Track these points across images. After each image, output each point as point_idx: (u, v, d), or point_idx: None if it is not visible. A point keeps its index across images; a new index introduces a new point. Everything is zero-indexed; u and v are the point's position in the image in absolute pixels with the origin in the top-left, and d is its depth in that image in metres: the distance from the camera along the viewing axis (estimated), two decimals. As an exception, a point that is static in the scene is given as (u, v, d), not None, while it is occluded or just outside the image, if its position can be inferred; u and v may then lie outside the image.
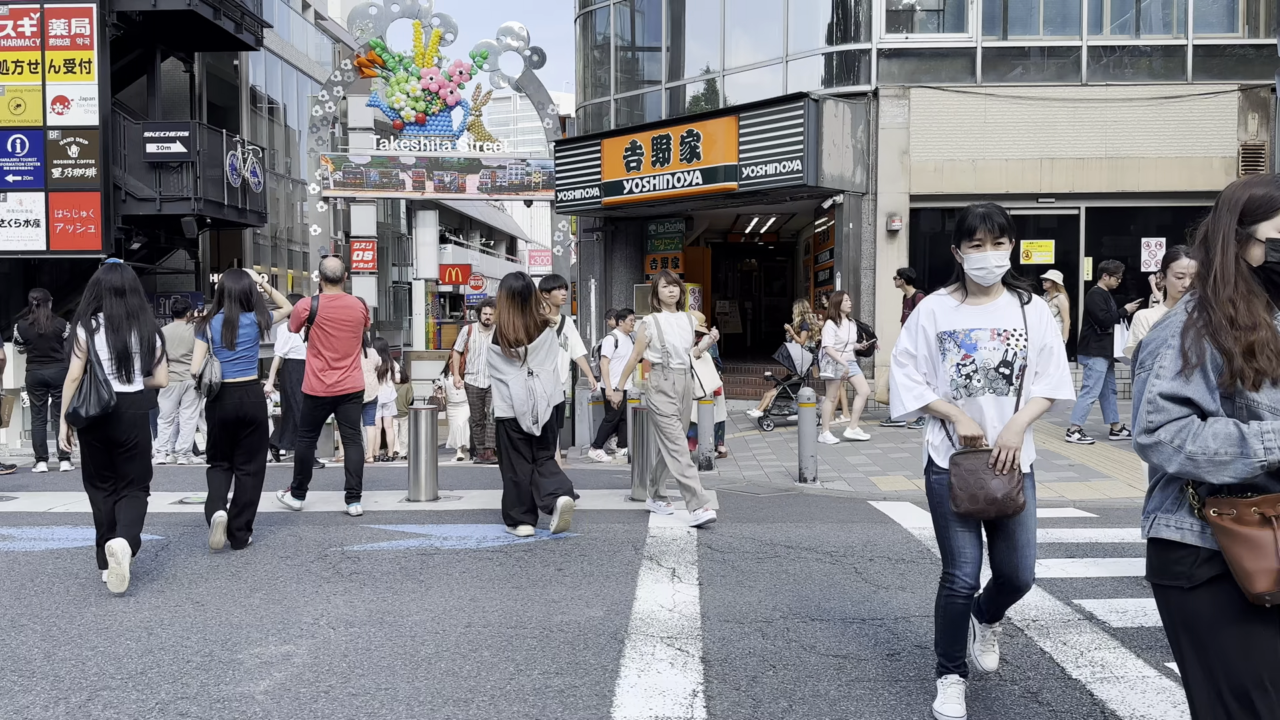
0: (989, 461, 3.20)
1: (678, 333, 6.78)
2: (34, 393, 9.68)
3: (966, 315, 3.31)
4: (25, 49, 16.97)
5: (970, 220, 3.26)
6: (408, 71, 19.66)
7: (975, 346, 3.26)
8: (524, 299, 6.26)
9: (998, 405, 3.26)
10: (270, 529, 6.52)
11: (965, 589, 3.32)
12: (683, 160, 13.44)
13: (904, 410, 3.37)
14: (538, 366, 6.31)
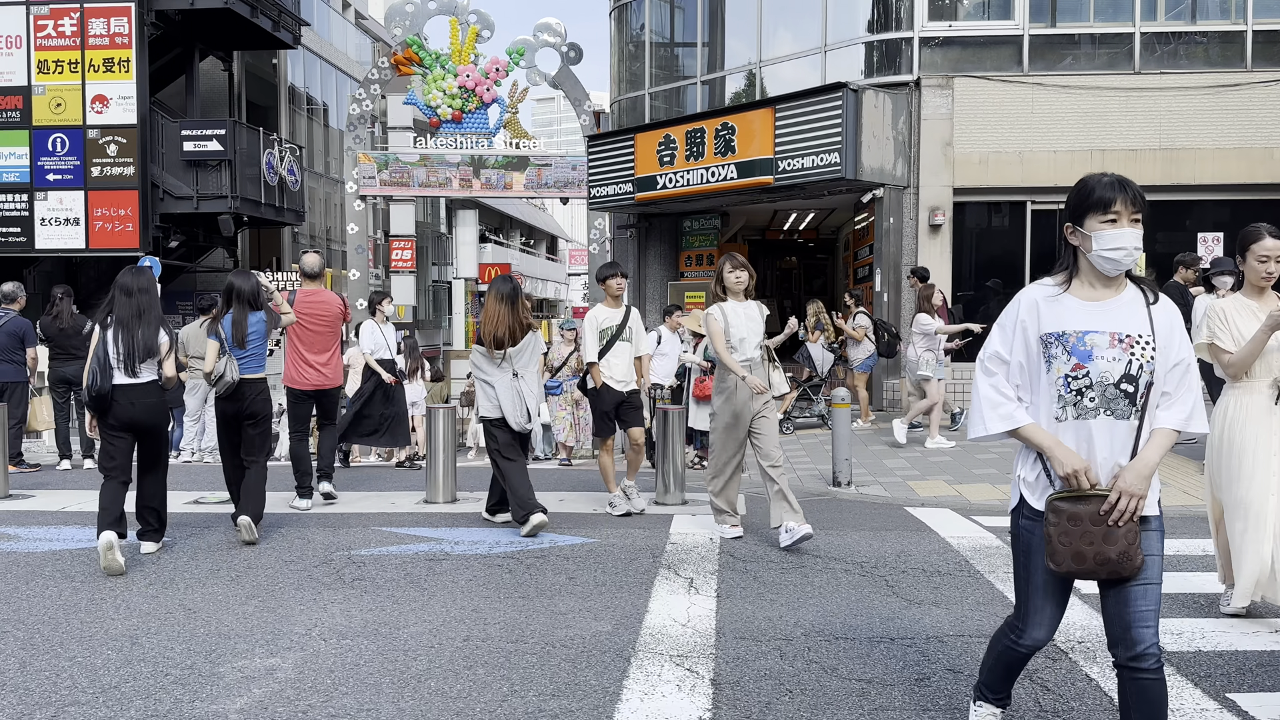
0: (1102, 510, 2.51)
1: (746, 323, 6.01)
2: (56, 390, 9.62)
3: (1080, 313, 2.62)
4: (65, 49, 17.11)
5: (1101, 190, 2.59)
6: (444, 69, 19.53)
7: (1090, 355, 2.58)
8: (511, 302, 6.38)
9: (1112, 432, 2.58)
10: (280, 530, 6.32)
11: (1031, 648, 2.78)
12: (717, 154, 13.10)
13: (985, 431, 2.70)
14: (522, 368, 6.42)
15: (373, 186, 18.83)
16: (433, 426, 7.50)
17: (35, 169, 17.16)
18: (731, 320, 5.98)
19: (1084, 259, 2.65)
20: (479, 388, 6.46)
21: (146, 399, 5.52)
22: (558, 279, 61.49)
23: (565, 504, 7.36)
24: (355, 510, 7.12)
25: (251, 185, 19.04)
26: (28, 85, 17.07)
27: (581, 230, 72.57)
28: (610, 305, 6.98)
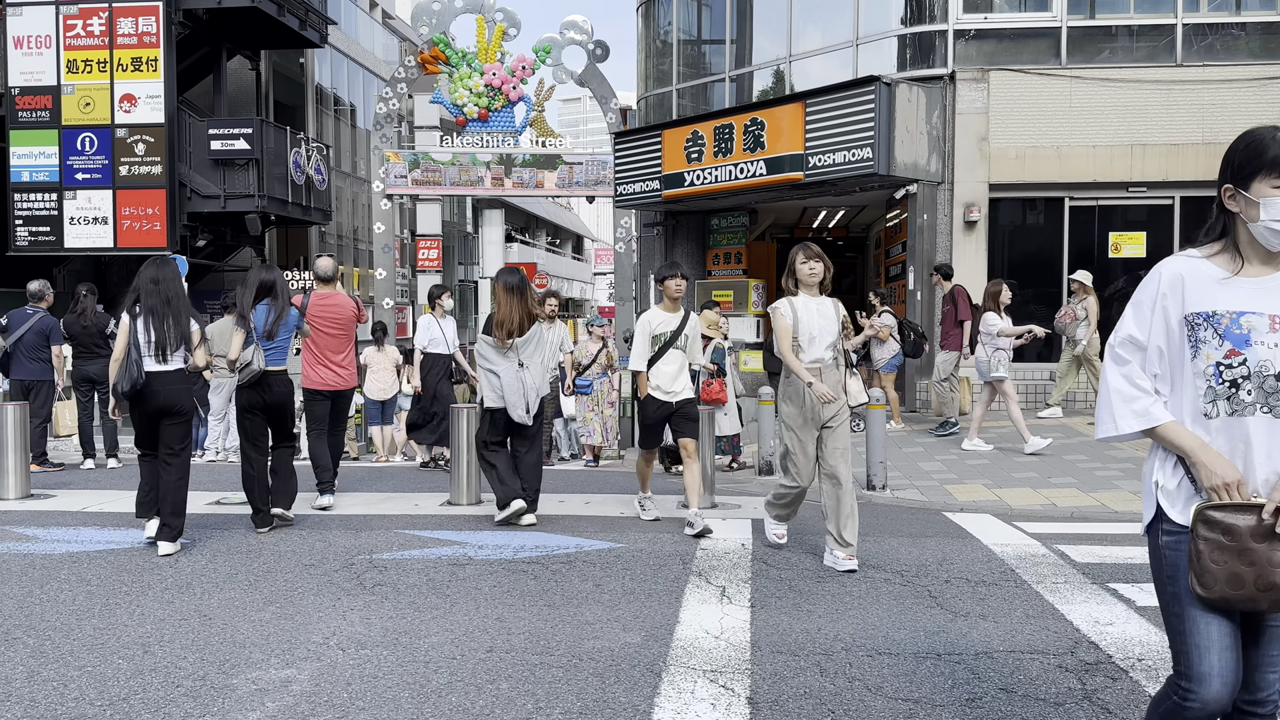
0: (1264, 523, 2.08)
1: (819, 320, 5.32)
2: (79, 389, 9.56)
3: (1236, 291, 2.19)
4: (94, 48, 17.15)
5: (1276, 148, 2.14)
6: (470, 67, 19.42)
7: (1248, 339, 2.16)
8: (520, 292, 6.42)
9: (1272, 433, 2.15)
10: (302, 532, 6.18)
11: (1205, 710, 2.18)
12: (746, 150, 12.88)
13: (1116, 431, 2.27)
14: (528, 359, 6.43)
15: (404, 185, 18.70)
16: (456, 426, 7.34)
17: (64, 168, 17.21)
18: (802, 316, 5.31)
19: (1243, 229, 2.22)
20: (483, 377, 6.50)
21: (175, 385, 5.76)
22: (583, 278, 61.42)
23: (592, 507, 7.18)
24: (378, 512, 6.97)
25: (279, 184, 19.03)
26: (57, 85, 17.13)
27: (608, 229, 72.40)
28: (667, 308, 6.41)
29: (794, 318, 5.32)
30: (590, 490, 8.07)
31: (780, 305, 5.40)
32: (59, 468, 9.41)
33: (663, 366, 6.34)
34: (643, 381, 6.34)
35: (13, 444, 7.43)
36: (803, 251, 5.39)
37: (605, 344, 9.84)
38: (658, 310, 6.45)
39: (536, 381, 6.43)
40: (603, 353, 9.86)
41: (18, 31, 17.05)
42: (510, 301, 6.36)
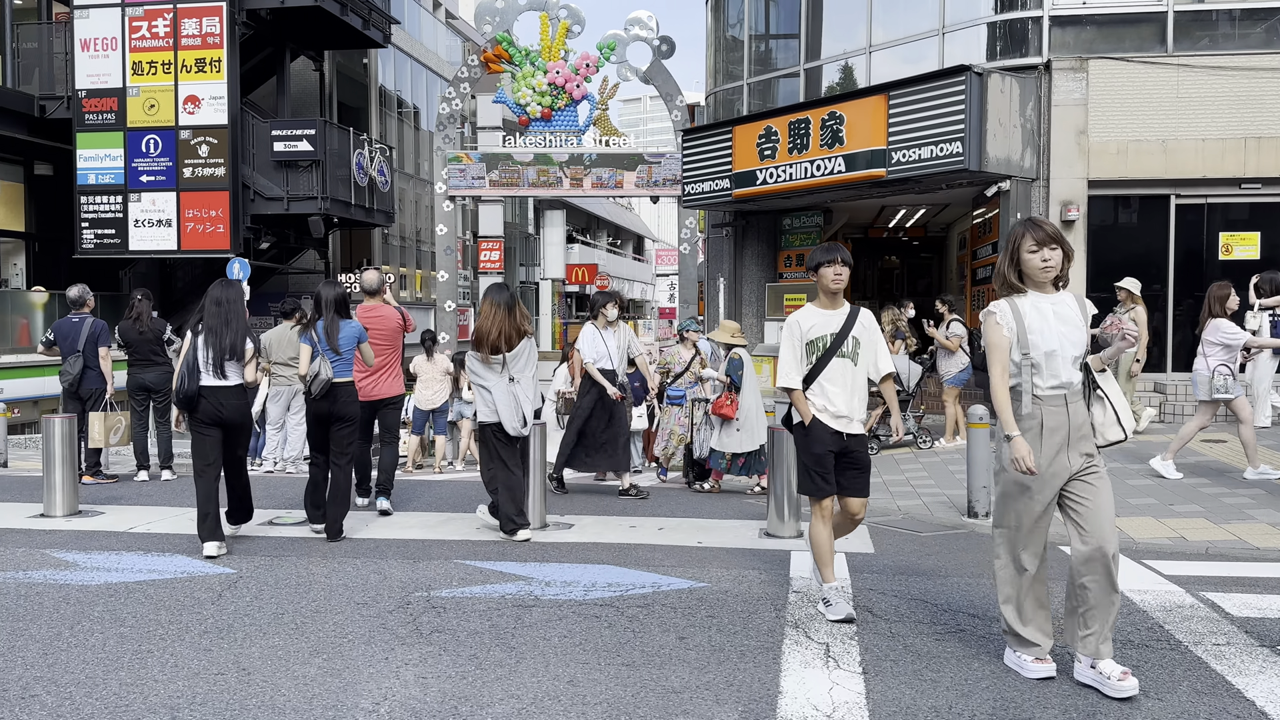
0: None
1: (1058, 329, 3.81)
2: (134, 398, 9.27)
3: None
4: (159, 49, 17.09)
5: None
6: (534, 66, 19.02)
7: None
8: (509, 308, 6.43)
9: None
10: (357, 560, 5.71)
11: None
12: (823, 146, 12.19)
13: None
14: (518, 374, 6.41)
15: (480, 187, 18.23)
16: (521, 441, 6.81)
17: (129, 170, 17.19)
18: (1032, 324, 3.81)
19: None
20: (476, 393, 6.54)
21: (232, 400, 6.14)
22: (644, 279, 60.96)
23: (666, 534, 6.60)
24: (437, 536, 6.48)
25: (342, 186, 18.83)
26: (122, 87, 17.11)
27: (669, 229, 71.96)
28: (824, 305, 4.79)
29: (1019, 328, 3.82)
30: (663, 512, 7.49)
31: (997, 310, 3.90)
32: (113, 479, 9.13)
33: (827, 383, 4.72)
34: (800, 402, 4.75)
35: (60, 458, 7.10)
36: (1031, 234, 3.83)
37: (698, 350, 9.09)
38: (812, 308, 4.83)
39: (530, 394, 6.46)
40: (696, 360, 9.08)
41: (85, 34, 17.07)
42: (497, 316, 6.39)
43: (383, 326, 7.32)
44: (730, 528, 6.82)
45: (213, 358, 6.03)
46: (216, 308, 6.14)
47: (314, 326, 6.48)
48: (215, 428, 6.06)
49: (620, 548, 6.10)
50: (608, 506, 7.80)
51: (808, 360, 4.76)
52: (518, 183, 17.90)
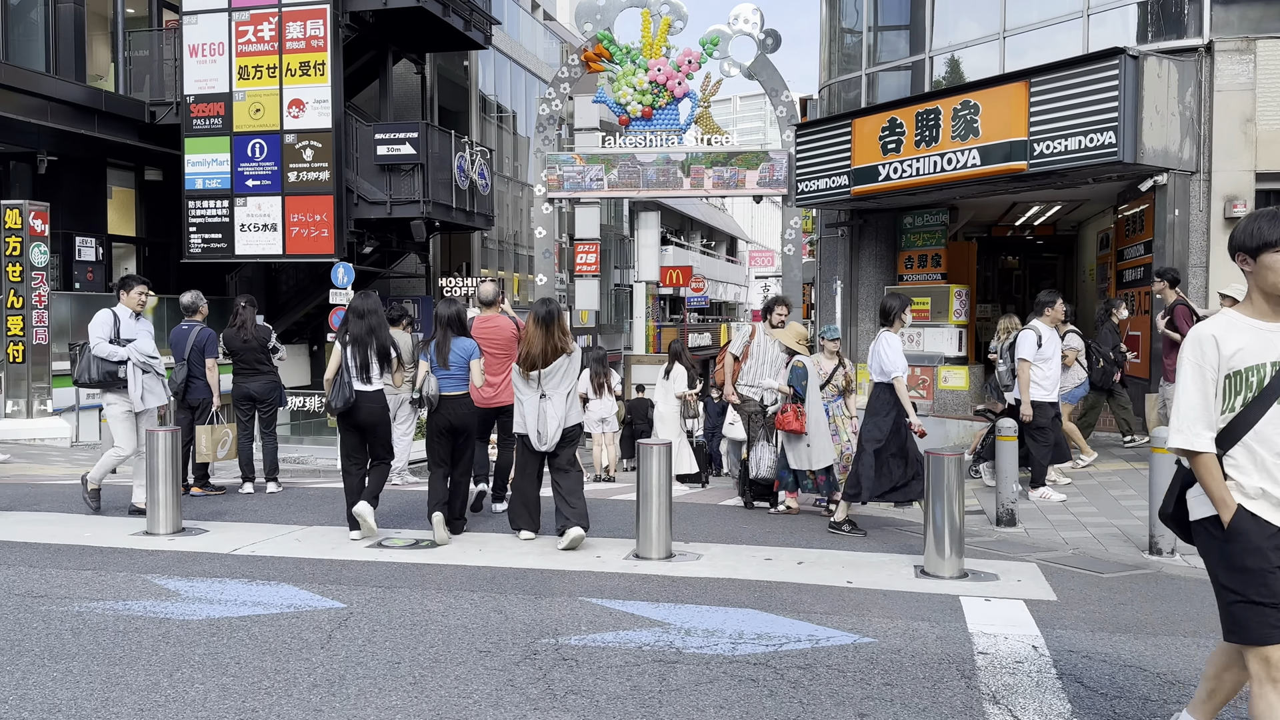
0: None
1: None
2: (239, 407, 9.00)
3: None
4: (264, 53, 17.12)
5: None
6: (635, 64, 18.53)
7: None
8: (546, 325, 6.53)
9: None
10: (474, 593, 5.20)
11: None
12: (955, 138, 11.33)
13: None
14: (551, 390, 6.52)
15: (599, 187, 17.77)
16: (644, 460, 6.23)
17: (235, 175, 17.27)
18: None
19: None
20: (515, 404, 6.77)
21: (375, 403, 6.79)
22: (737, 281, 60.11)
23: (807, 569, 5.92)
24: (556, 565, 5.93)
25: (443, 189, 18.63)
26: (229, 92, 17.20)
27: (762, 231, 71.03)
28: (1262, 313, 2.93)
29: None
30: (797, 541, 6.82)
31: None
32: (220, 491, 8.87)
33: (1262, 446, 2.88)
34: (1212, 479, 2.90)
35: (164, 473, 6.80)
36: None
37: (841, 360, 8.24)
38: (1237, 319, 2.95)
39: (559, 412, 6.54)
40: (839, 372, 8.18)
41: (193, 40, 17.22)
42: (535, 333, 6.52)
43: (498, 336, 7.50)
44: (879, 564, 6.11)
45: (358, 365, 6.70)
46: (359, 319, 6.78)
47: (429, 345, 6.98)
48: (359, 429, 6.77)
49: (760, 587, 5.45)
50: (732, 532, 7.16)
51: (1227, 405, 2.91)
52: (637, 183, 17.35)
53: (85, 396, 15.10)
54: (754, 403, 8.24)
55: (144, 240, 19.40)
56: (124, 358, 7.35)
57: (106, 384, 7.41)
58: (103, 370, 7.35)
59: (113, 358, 7.34)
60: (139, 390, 7.40)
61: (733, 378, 8.38)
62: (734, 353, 8.45)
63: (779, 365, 8.07)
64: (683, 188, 17.10)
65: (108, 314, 7.49)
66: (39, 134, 16.21)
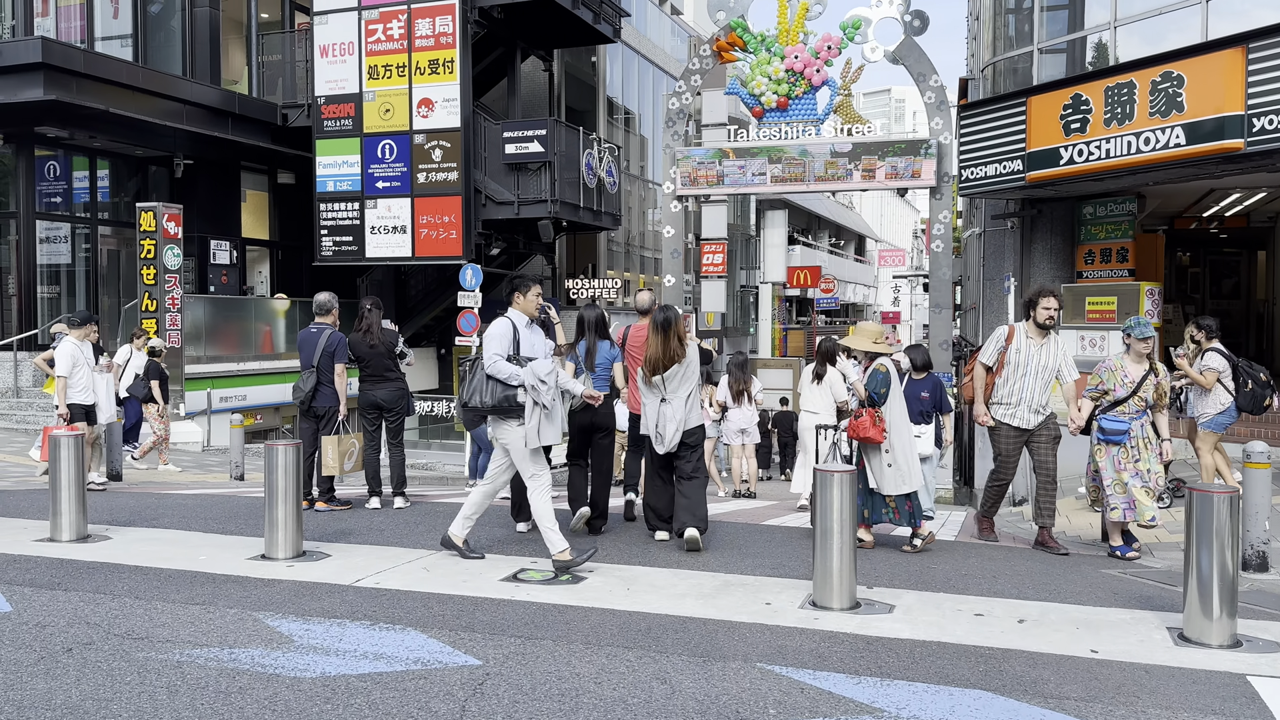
0: None
1: None
2: (365, 416, 8.40)
3: None
4: (393, 52, 16.83)
5: None
6: (770, 52, 17.49)
7: None
8: (664, 330, 6.55)
9: None
10: (629, 651, 4.32)
11: None
12: (1155, 114, 9.92)
13: None
14: (671, 394, 6.60)
15: (761, 183, 16.84)
16: (824, 490, 5.23)
17: (365, 176, 17.04)
18: None
19: None
20: (641, 407, 6.88)
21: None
22: (865, 281, 58.13)
23: (1031, 629, 4.80)
24: (723, 615, 5.00)
25: (570, 189, 18.01)
26: (359, 92, 16.98)
27: (891, 229, 68.56)
28: None
29: None
30: (1004, 586, 5.70)
31: None
32: (346, 506, 8.31)
33: None
34: None
35: (282, 493, 6.18)
36: None
37: (1153, 365, 6.69)
38: None
39: (677, 415, 6.58)
40: (1149, 380, 6.60)
41: (324, 40, 17.06)
42: (656, 340, 6.56)
43: None
44: (1120, 624, 4.95)
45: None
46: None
47: (575, 347, 7.21)
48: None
49: (981, 656, 4.39)
50: (914, 570, 6.09)
51: None
52: (803, 176, 16.30)
53: (219, 400, 15.09)
54: (1010, 429, 6.92)
55: (277, 244, 19.47)
56: (521, 382, 5.88)
57: (504, 410, 5.90)
58: (499, 395, 5.88)
59: (511, 380, 5.86)
60: (535, 423, 5.89)
61: (985, 394, 6.99)
62: (986, 361, 7.05)
63: (1047, 379, 6.80)
64: (852, 180, 15.91)
65: (506, 324, 6.04)
66: (175, 137, 16.32)
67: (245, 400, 15.51)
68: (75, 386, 9.07)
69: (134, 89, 15.08)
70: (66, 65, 14.06)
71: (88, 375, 9.23)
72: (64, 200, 16.39)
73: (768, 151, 16.30)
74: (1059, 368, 6.82)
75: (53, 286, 16.22)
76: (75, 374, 9.05)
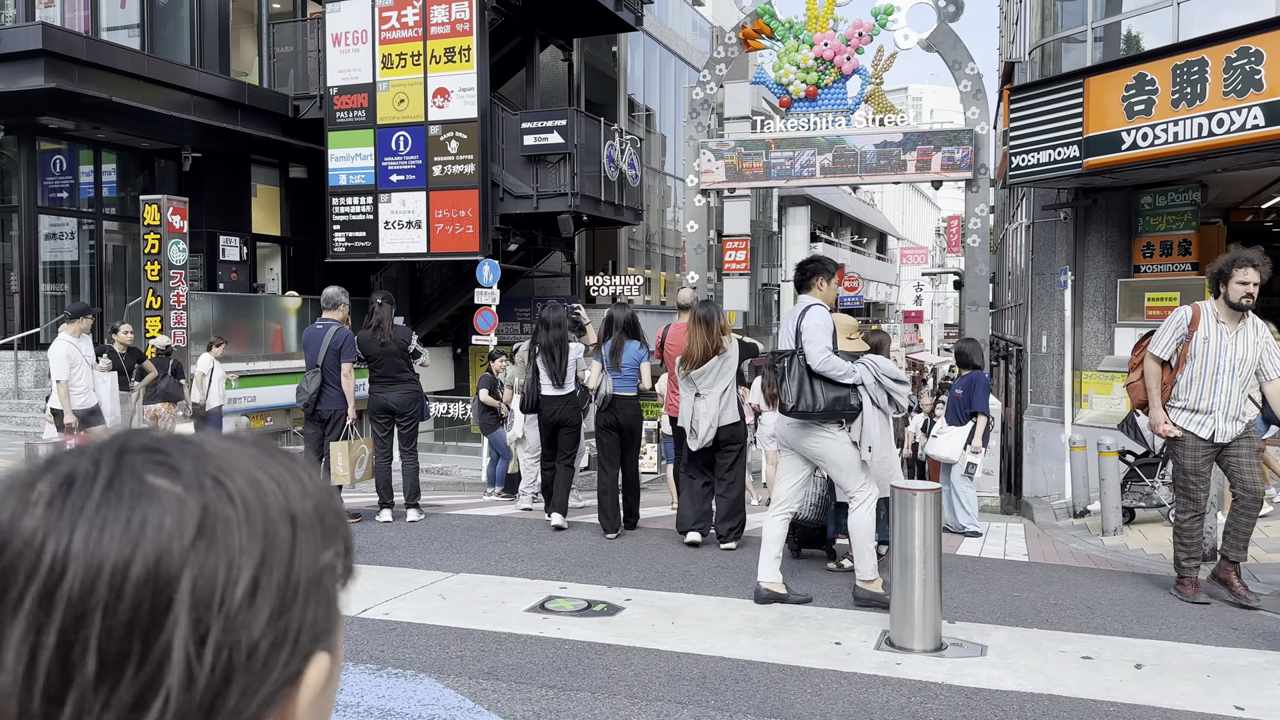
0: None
1: None
2: (376, 421, 7.72)
3: None
4: (408, 40, 16.19)
5: None
6: (798, 39, 16.80)
7: None
8: (706, 324, 6.43)
9: None
10: (685, 709, 3.62)
11: None
12: (1229, 94, 9.14)
13: None
14: (705, 390, 6.46)
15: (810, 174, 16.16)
16: (903, 511, 4.51)
17: (379, 170, 16.40)
18: None
19: None
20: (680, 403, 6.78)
21: (568, 405, 7.24)
22: (887, 280, 57.23)
23: (1154, 676, 4.08)
24: (788, 658, 4.30)
25: (590, 182, 17.32)
26: (372, 82, 16.34)
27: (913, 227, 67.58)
28: None
29: None
30: (1104, 618, 4.97)
31: None
32: (355, 519, 7.65)
33: None
34: None
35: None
36: None
37: None
38: None
39: (711, 410, 6.44)
40: None
41: (336, 29, 16.44)
42: (696, 333, 6.43)
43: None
44: (1251, 667, 4.22)
45: (549, 372, 7.13)
46: (547, 330, 7.20)
47: (602, 347, 7.10)
48: (552, 428, 7.24)
49: (1104, 712, 3.67)
50: (1004, 604, 5.37)
51: None
52: (855, 167, 15.58)
53: (227, 402, 14.49)
54: (1200, 441, 5.37)
55: (288, 240, 18.86)
56: (859, 379, 5.00)
57: (837, 415, 4.94)
58: (829, 397, 4.88)
59: (846, 379, 4.91)
60: (876, 430, 5.15)
61: (1162, 395, 5.46)
62: (1160, 354, 5.42)
63: (1246, 376, 5.32)
64: (906, 171, 15.18)
65: (824, 313, 5.06)
66: (182, 129, 15.73)
67: (255, 401, 14.91)
68: (75, 389, 8.38)
69: (139, 78, 14.49)
70: (68, 53, 13.48)
71: (87, 376, 8.53)
72: (70, 195, 15.83)
73: (816, 142, 15.58)
74: (1261, 361, 5.27)
75: (57, 284, 15.67)
76: (73, 375, 8.36)
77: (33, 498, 0.49)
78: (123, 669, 0.46)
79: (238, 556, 0.49)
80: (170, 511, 0.49)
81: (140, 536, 0.48)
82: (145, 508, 0.49)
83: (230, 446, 0.55)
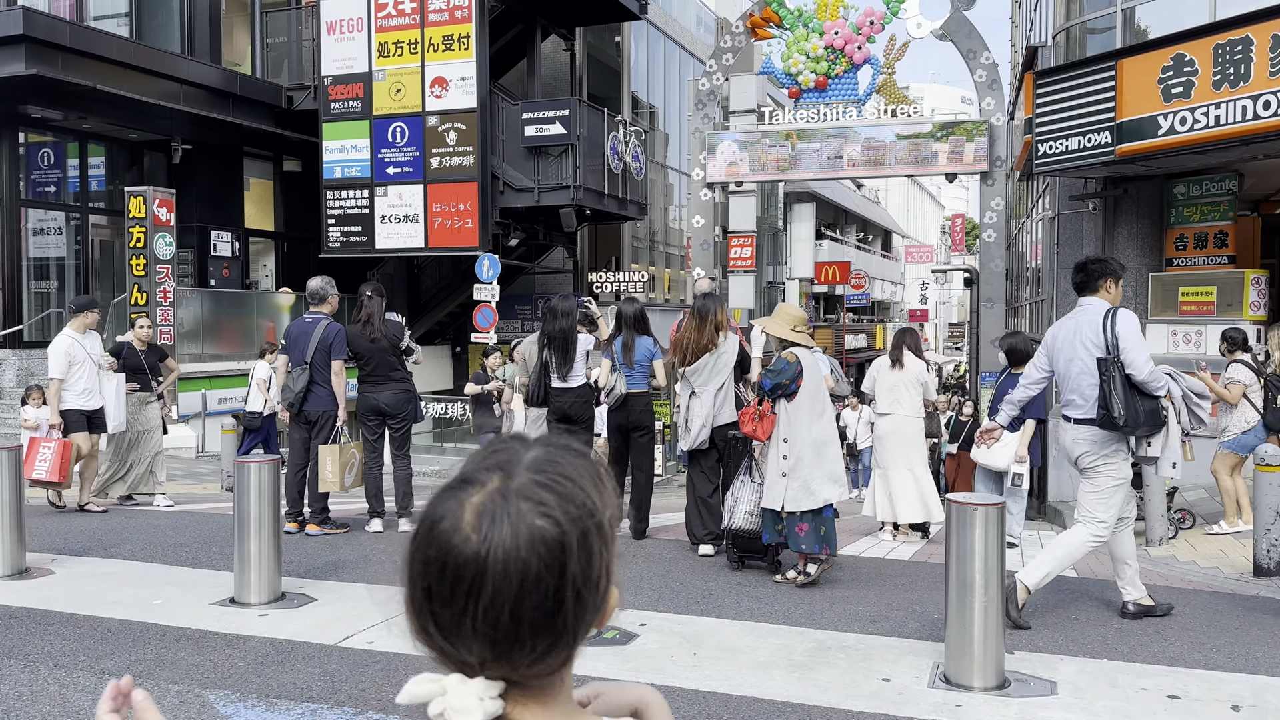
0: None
1: None
2: (366, 423, 7.16)
3: None
4: (405, 28, 15.64)
5: None
6: (807, 28, 16.25)
7: None
8: (701, 319, 6.27)
9: None
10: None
11: None
12: (1276, 74, 8.58)
13: None
14: (700, 387, 6.29)
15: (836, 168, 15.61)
16: (962, 527, 3.95)
17: (375, 162, 15.86)
18: None
19: None
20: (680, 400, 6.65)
21: (578, 399, 6.88)
22: (892, 278, 56.69)
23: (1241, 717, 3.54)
24: (830, 699, 3.74)
25: (593, 175, 16.77)
26: (368, 71, 15.80)
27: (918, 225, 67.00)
28: None
29: None
30: (1187, 650, 4.42)
31: None
32: (344, 529, 7.09)
33: None
34: None
35: (257, 520, 4.95)
36: None
37: None
38: None
39: (704, 409, 6.24)
40: None
41: (331, 16, 15.90)
42: (690, 328, 6.29)
43: None
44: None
45: (557, 364, 6.82)
46: (554, 320, 6.87)
47: (613, 344, 6.82)
48: (564, 422, 6.86)
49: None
50: (1064, 626, 4.81)
51: None
52: (884, 160, 15.02)
53: (216, 402, 13.94)
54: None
55: (282, 235, 18.32)
56: (1166, 391, 4.66)
57: (1154, 427, 4.63)
58: (1147, 409, 4.59)
59: (1160, 391, 4.62)
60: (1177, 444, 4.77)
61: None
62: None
63: None
64: (937, 163, 14.63)
65: (1133, 316, 4.90)
66: (172, 120, 15.18)
67: (245, 402, 14.35)
68: (75, 389, 7.72)
69: (126, 66, 13.95)
70: (51, 39, 12.94)
71: (91, 374, 7.83)
72: (56, 188, 15.28)
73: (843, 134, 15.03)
74: None
75: (42, 280, 15.12)
76: (74, 374, 7.71)
77: None
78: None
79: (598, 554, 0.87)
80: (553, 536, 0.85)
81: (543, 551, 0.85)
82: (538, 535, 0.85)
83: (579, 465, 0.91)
